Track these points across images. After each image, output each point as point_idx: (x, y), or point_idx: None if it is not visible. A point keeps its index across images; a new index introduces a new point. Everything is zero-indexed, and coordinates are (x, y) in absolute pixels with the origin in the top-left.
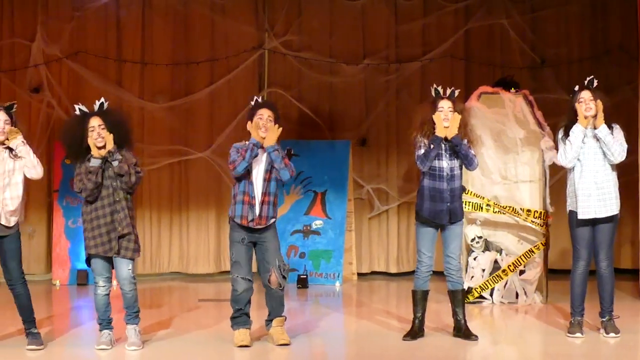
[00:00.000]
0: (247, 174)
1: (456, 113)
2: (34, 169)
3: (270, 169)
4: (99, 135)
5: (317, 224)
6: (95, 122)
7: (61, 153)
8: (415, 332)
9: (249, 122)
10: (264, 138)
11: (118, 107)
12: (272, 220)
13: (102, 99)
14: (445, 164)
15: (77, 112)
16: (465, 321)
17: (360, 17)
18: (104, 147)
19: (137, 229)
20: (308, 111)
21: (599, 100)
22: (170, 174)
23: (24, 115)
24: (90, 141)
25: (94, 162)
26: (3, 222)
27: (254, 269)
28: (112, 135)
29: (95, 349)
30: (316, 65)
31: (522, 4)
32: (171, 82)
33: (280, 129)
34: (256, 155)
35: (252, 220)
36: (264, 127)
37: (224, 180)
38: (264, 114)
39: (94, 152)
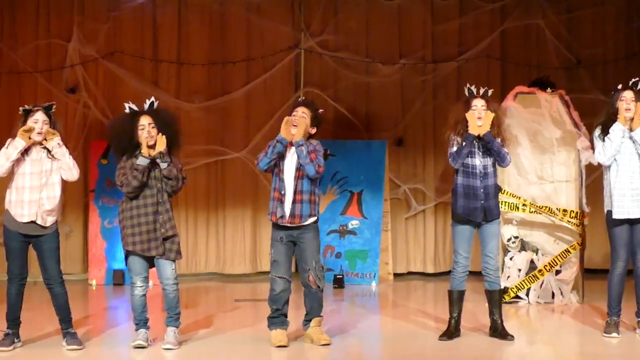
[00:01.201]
0: (278, 170)
1: (489, 111)
2: (70, 171)
3: (300, 166)
4: (149, 134)
5: (353, 224)
6: (145, 120)
7: (97, 153)
8: (452, 332)
9: (286, 118)
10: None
11: (168, 108)
12: (310, 219)
13: (152, 98)
14: (478, 161)
15: (127, 110)
16: (501, 321)
17: (396, 16)
18: (153, 146)
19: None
20: (344, 111)
21: (638, 103)
22: (207, 174)
23: (60, 116)
24: (141, 139)
25: (142, 161)
26: (39, 222)
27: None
28: (164, 137)
29: (131, 346)
30: (352, 65)
31: (558, 4)
32: (207, 81)
33: (310, 128)
34: (279, 152)
35: (282, 217)
36: (295, 122)
37: (260, 180)
38: (298, 111)
39: (144, 150)
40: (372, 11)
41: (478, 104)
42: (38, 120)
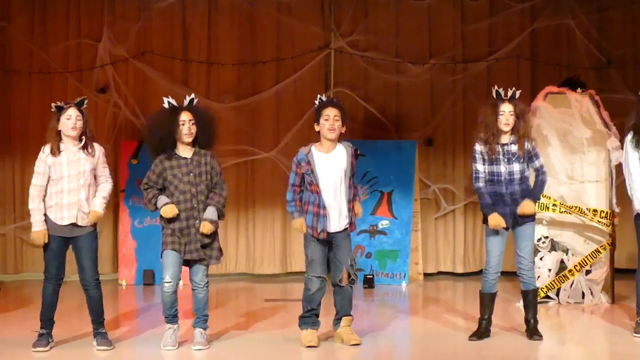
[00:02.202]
0: (313, 186)
1: (526, 205)
2: (104, 204)
3: (345, 176)
4: (189, 130)
5: (383, 224)
6: (185, 116)
7: (127, 153)
8: (482, 332)
9: (316, 124)
10: (331, 140)
11: (206, 106)
12: (352, 227)
13: (192, 95)
14: (503, 168)
15: (166, 105)
16: (534, 321)
17: (426, 16)
18: (190, 143)
19: (217, 234)
20: (374, 111)
21: None
22: (237, 174)
23: (90, 116)
24: (181, 137)
25: (160, 204)
26: (79, 223)
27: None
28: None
29: (162, 348)
30: (382, 65)
31: (588, 4)
32: (237, 81)
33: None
34: None
35: (323, 231)
36: (331, 128)
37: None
38: (330, 113)
39: (170, 212)
40: (402, 11)
41: (506, 109)
42: (71, 116)
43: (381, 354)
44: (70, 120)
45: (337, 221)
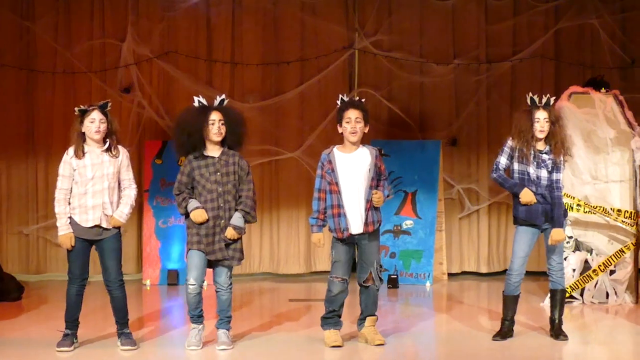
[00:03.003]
0: (333, 187)
1: (555, 233)
2: (128, 211)
3: (363, 177)
4: (218, 130)
5: (407, 224)
6: (216, 116)
7: (152, 153)
8: (505, 332)
9: (339, 125)
10: (354, 143)
11: (236, 107)
12: (378, 224)
13: (223, 95)
14: (532, 169)
15: (196, 104)
16: (560, 321)
17: (450, 16)
18: (219, 142)
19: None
20: (398, 111)
21: None
22: (261, 174)
23: (114, 115)
24: (210, 136)
25: (191, 207)
26: (104, 225)
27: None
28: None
29: (186, 348)
30: (406, 65)
31: (612, 4)
32: (261, 82)
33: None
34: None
35: (346, 230)
36: (353, 130)
37: (315, 180)
38: (351, 115)
39: (200, 217)
40: (426, 11)
41: (541, 116)
42: (94, 119)
43: (405, 354)
44: (93, 124)
45: (359, 223)
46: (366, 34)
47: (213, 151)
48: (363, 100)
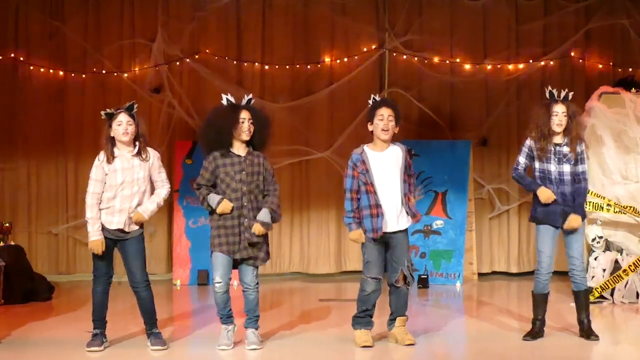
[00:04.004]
0: (369, 187)
1: (573, 219)
2: (154, 208)
3: (397, 174)
4: (248, 129)
5: (437, 224)
6: (245, 114)
7: (182, 153)
8: (535, 332)
9: (369, 124)
10: (385, 141)
11: (263, 107)
12: (417, 217)
13: (250, 95)
14: (553, 167)
15: (225, 102)
16: (588, 321)
17: (481, 17)
18: (246, 142)
19: (267, 237)
20: (429, 111)
21: None
22: (291, 174)
23: (144, 116)
24: (240, 134)
25: (213, 202)
26: (126, 229)
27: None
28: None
29: (216, 349)
30: (437, 65)
31: None
32: (291, 82)
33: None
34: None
35: (381, 230)
36: (385, 127)
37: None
38: (384, 113)
39: (227, 207)
40: (457, 11)
41: (559, 110)
42: (122, 122)
43: (435, 354)
44: (121, 126)
45: (394, 221)
46: (396, 34)
47: (240, 150)
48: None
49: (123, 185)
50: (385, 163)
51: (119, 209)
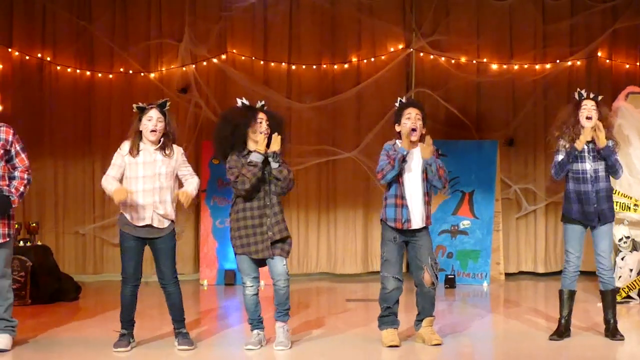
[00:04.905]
0: (399, 176)
1: (599, 123)
2: (195, 190)
3: (423, 169)
4: (265, 129)
5: (464, 224)
6: (262, 115)
7: (209, 153)
8: (562, 331)
9: (397, 125)
10: (413, 142)
11: (277, 111)
12: (429, 220)
13: (263, 101)
14: (589, 166)
15: (240, 105)
16: (614, 321)
17: (507, 17)
18: (266, 144)
19: (288, 231)
20: (455, 111)
21: None
22: (318, 174)
23: (171, 116)
24: (256, 136)
25: (256, 157)
26: (156, 225)
27: (404, 268)
28: (280, 137)
29: (244, 348)
30: (463, 65)
31: None
32: (318, 82)
33: (424, 130)
34: (405, 163)
35: (408, 221)
36: (414, 126)
37: (372, 180)
38: (412, 113)
39: (261, 146)
40: (483, 11)
41: (588, 103)
42: (152, 117)
43: (462, 354)
44: (151, 122)
45: (419, 217)
46: (423, 34)
47: (264, 149)
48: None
49: (144, 179)
50: (412, 160)
51: (142, 204)
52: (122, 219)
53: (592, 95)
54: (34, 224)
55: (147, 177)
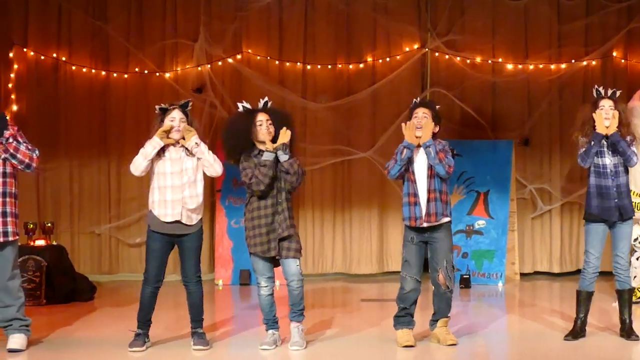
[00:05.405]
0: (410, 174)
1: (615, 110)
2: (212, 167)
3: (431, 165)
4: (267, 130)
5: (479, 223)
6: (262, 117)
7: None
8: (577, 332)
9: (403, 124)
10: (419, 137)
11: (282, 107)
12: (444, 218)
13: (266, 98)
14: (608, 160)
15: (241, 109)
16: (630, 321)
17: (522, 16)
18: (272, 142)
19: (297, 229)
20: (471, 111)
21: None
22: (333, 174)
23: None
24: (261, 136)
25: (268, 156)
26: (184, 221)
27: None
28: (289, 131)
29: (258, 349)
30: (479, 65)
31: None
32: (333, 81)
33: (434, 127)
34: (409, 157)
35: (419, 218)
36: (419, 125)
37: (387, 180)
38: (419, 112)
39: (268, 145)
40: (498, 11)
41: (606, 104)
42: (175, 118)
43: (477, 354)
44: (173, 122)
45: (432, 215)
46: (438, 33)
47: (273, 146)
48: (434, 101)
49: (172, 175)
50: (421, 158)
51: (171, 199)
52: (150, 216)
53: (609, 93)
54: (49, 224)
55: (175, 174)
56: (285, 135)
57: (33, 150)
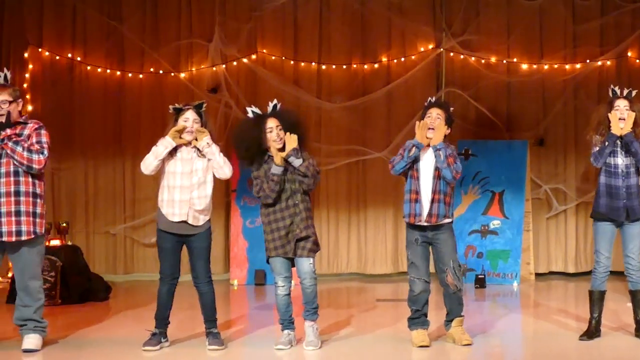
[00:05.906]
0: (414, 172)
1: (631, 111)
2: (221, 169)
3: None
4: (277, 137)
5: (494, 223)
6: (272, 123)
7: None
8: (592, 332)
9: (417, 122)
10: (430, 138)
11: (292, 108)
12: (446, 220)
13: (275, 100)
14: (620, 160)
15: (250, 115)
16: None
17: (537, 17)
18: (282, 149)
19: (314, 228)
20: (486, 111)
21: None
22: (348, 174)
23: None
24: (270, 146)
25: (276, 170)
26: (191, 222)
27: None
28: (294, 135)
29: (274, 348)
30: (494, 65)
31: None
32: (348, 81)
33: (446, 129)
34: (416, 156)
35: (419, 215)
36: (431, 125)
37: (402, 180)
38: (432, 112)
39: (277, 159)
40: (513, 11)
41: (621, 104)
42: (188, 118)
43: (492, 354)
44: (187, 123)
45: (434, 214)
46: (453, 34)
47: (277, 155)
48: (449, 102)
49: (182, 175)
50: (428, 158)
51: (179, 199)
52: (159, 215)
53: (625, 93)
54: (64, 224)
55: (185, 174)
56: (291, 141)
57: (36, 152)
